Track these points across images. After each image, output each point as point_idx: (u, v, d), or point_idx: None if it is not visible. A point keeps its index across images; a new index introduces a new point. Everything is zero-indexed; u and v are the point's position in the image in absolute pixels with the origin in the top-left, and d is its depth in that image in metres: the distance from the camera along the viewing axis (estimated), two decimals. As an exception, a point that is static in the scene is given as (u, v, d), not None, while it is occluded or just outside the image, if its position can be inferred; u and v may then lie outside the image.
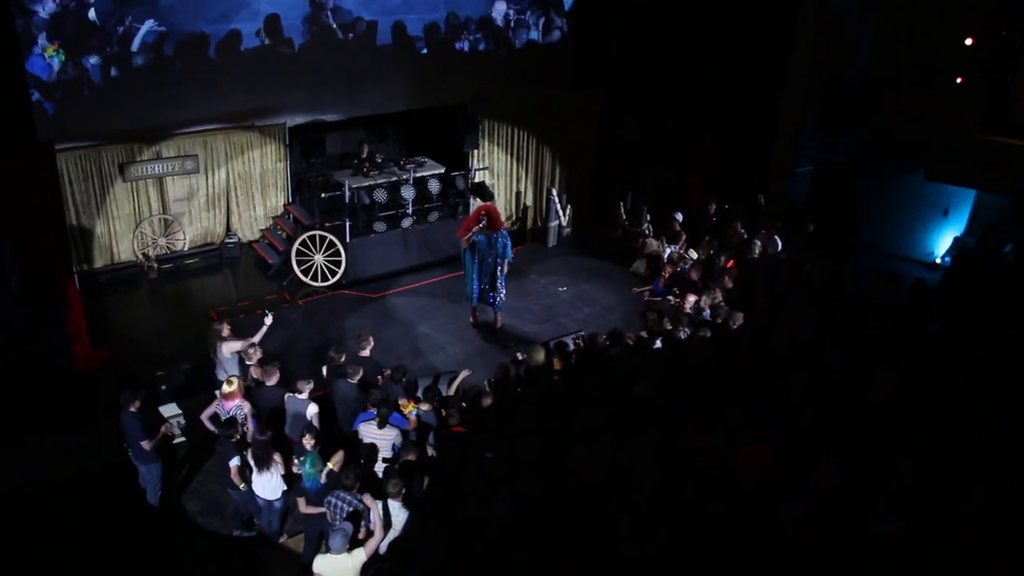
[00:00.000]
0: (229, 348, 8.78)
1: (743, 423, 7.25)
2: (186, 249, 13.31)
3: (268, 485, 7.48)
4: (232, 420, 7.57)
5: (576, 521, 6.24)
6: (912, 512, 5.87)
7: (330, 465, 7.21)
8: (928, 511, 5.95)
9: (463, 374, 9.18)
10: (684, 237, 13.25)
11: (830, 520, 5.92)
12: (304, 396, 8.12)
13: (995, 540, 5.68)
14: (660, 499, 6.28)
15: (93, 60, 11.64)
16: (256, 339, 8.88)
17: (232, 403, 7.86)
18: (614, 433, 7.21)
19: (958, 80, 12.88)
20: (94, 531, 7.59)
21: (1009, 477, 6.37)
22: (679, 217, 13.56)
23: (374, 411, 7.79)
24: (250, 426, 7.79)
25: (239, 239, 13.70)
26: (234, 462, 7.41)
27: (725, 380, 8.44)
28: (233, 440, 7.42)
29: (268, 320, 9.16)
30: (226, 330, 8.93)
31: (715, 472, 6.67)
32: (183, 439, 8.85)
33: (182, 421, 8.86)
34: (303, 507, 7.21)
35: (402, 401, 8.19)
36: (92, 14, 11.38)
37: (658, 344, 9.57)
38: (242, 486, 7.50)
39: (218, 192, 13.45)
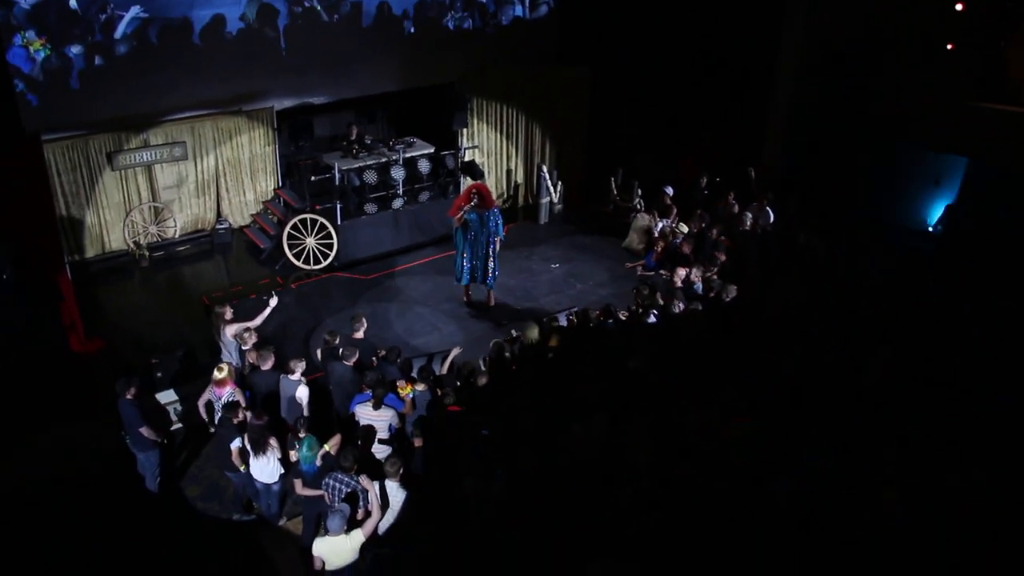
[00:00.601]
0: (232, 331, 8.78)
1: (736, 397, 7.27)
2: (177, 236, 13.27)
3: (265, 469, 7.47)
4: (234, 403, 7.58)
5: (571, 498, 6.26)
6: (908, 491, 5.90)
7: (327, 447, 7.22)
8: (925, 490, 5.97)
9: (455, 351, 9.20)
10: (675, 211, 13.22)
11: (823, 496, 5.94)
12: (296, 376, 8.09)
13: (992, 520, 5.69)
14: (655, 475, 6.31)
15: (76, 49, 11.52)
16: (257, 322, 8.86)
17: (224, 390, 7.87)
18: (609, 409, 7.22)
19: (949, 47, 12.75)
20: (93, 519, 7.59)
21: (1007, 457, 6.39)
22: (669, 191, 13.50)
23: (370, 392, 7.80)
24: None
25: (230, 225, 13.66)
26: (235, 444, 7.42)
27: (719, 354, 8.43)
28: (235, 422, 7.42)
29: (272, 302, 9.11)
30: (228, 313, 8.94)
31: (709, 447, 6.69)
32: (180, 425, 8.86)
33: (179, 407, 8.87)
34: (300, 489, 7.21)
35: (400, 383, 8.19)
36: (73, 3, 11.24)
37: (652, 319, 9.57)
38: (243, 468, 7.52)
39: (207, 178, 13.37)
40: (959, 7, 12.44)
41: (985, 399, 7.29)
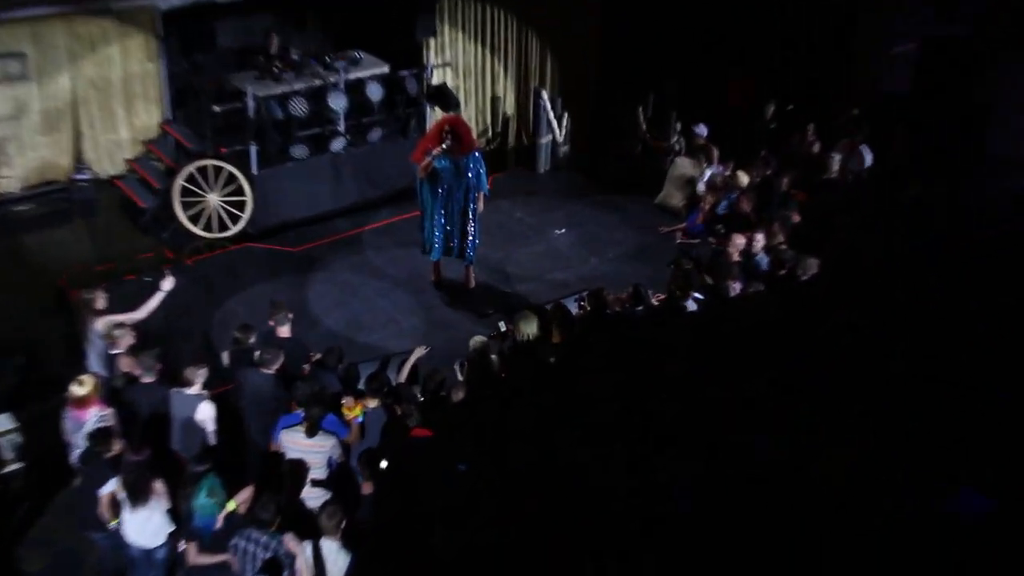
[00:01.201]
0: (103, 326, 8.72)
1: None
2: (16, 191, 13.04)
3: (146, 527, 7.27)
4: (104, 431, 7.45)
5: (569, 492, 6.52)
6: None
7: (232, 505, 7.07)
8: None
9: (417, 353, 9.23)
10: (716, 153, 13.27)
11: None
12: (195, 390, 8.04)
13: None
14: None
15: None
16: (141, 314, 8.93)
17: (88, 412, 7.75)
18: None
19: None
20: None
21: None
22: (703, 131, 13.64)
23: (300, 413, 7.76)
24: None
25: (95, 174, 13.42)
26: (107, 489, 7.26)
27: (793, 355, 8.33)
28: (106, 457, 7.30)
29: (165, 286, 9.14)
30: (101, 301, 8.85)
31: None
32: (18, 465, 8.66)
33: (17, 439, 8.68)
34: (195, 557, 7.04)
35: (346, 402, 8.24)
36: None
37: (693, 305, 9.63)
38: (114, 523, 7.35)
39: (60, 107, 13.10)
40: None
41: None
